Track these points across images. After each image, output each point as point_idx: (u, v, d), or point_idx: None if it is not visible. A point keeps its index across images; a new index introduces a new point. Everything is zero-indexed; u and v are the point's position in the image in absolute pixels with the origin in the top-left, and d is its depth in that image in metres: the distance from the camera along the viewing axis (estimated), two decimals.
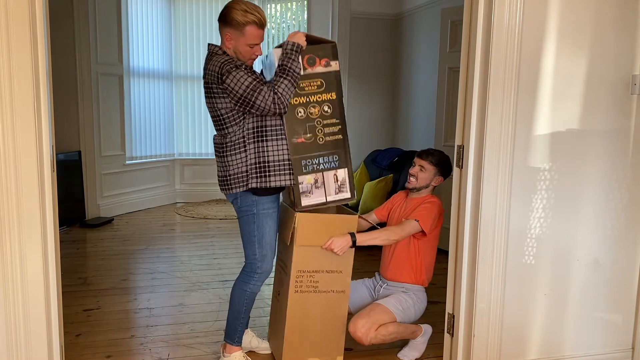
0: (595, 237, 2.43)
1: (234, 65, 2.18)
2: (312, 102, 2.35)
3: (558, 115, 2.29)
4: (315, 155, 2.37)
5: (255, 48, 2.28)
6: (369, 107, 6.10)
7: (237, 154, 2.27)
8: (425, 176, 2.63)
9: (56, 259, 2.05)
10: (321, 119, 2.37)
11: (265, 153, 2.27)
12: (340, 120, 2.42)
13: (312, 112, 2.35)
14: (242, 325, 2.47)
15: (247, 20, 2.21)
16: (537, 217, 2.34)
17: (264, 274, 2.40)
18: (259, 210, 2.32)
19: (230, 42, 2.26)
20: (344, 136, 2.45)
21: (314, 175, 2.37)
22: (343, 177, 2.42)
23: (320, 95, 2.36)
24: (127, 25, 5.71)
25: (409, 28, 5.72)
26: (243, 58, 2.28)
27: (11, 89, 1.86)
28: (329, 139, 2.40)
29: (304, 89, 2.33)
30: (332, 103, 2.39)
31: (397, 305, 2.57)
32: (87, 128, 5.34)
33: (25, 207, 1.93)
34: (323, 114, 2.38)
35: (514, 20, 2.16)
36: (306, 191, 2.36)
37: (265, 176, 2.27)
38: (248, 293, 2.41)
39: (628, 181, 2.42)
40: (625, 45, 2.32)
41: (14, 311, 1.97)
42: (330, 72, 2.37)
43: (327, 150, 2.39)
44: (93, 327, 2.97)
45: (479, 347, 2.37)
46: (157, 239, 4.85)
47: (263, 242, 2.36)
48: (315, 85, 2.35)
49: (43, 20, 1.90)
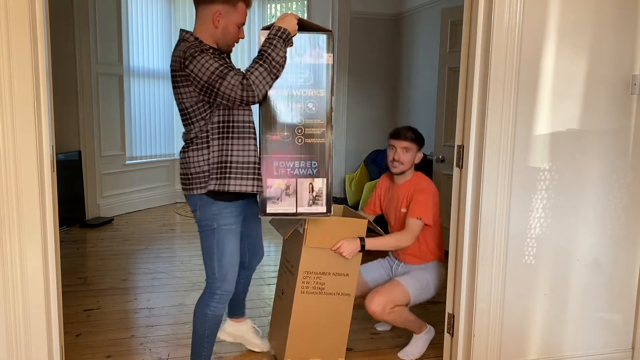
0: (595, 237, 2.43)
1: (200, 49, 1.95)
2: (294, 96, 2.10)
3: (558, 115, 2.29)
4: (290, 157, 2.11)
5: (241, 30, 2.11)
6: (369, 107, 6.11)
7: (199, 150, 2.05)
8: (410, 156, 2.59)
9: (56, 259, 2.05)
10: (303, 117, 2.12)
11: (229, 152, 2.03)
12: (325, 121, 2.13)
13: (293, 107, 2.10)
14: (208, 350, 2.24)
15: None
16: (537, 217, 2.34)
17: (224, 295, 2.17)
18: (219, 225, 2.09)
19: (219, 19, 2.03)
20: (327, 141, 2.14)
21: (285, 181, 2.11)
22: (320, 188, 2.14)
23: (306, 90, 2.10)
24: (127, 25, 5.71)
25: (409, 28, 5.72)
26: (228, 40, 2.09)
27: (11, 89, 1.86)
28: (309, 141, 2.12)
29: (287, 80, 2.08)
30: (318, 101, 2.12)
31: (416, 284, 2.57)
32: (87, 128, 5.34)
33: (25, 207, 1.93)
34: (306, 111, 2.11)
35: (514, 20, 2.16)
36: (274, 197, 2.11)
37: (225, 178, 2.03)
38: (210, 316, 2.17)
39: (628, 181, 2.42)
40: (625, 45, 2.32)
41: (14, 311, 1.97)
42: (321, 65, 2.11)
43: (305, 154, 2.11)
44: (93, 327, 2.97)
45: (479, 347, 2.37)
46: (157, 239, 4.85)
47: (223, 260, 2.12)
48: (301, 78, 2.10)
49: (43, 20, 1.90)
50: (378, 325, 2.99)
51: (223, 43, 2.10)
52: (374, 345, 2.81)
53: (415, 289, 2.56)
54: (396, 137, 2.61)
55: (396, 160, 2.59)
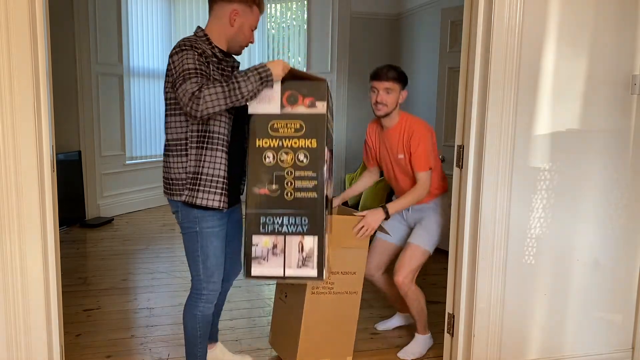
0: (595, 237, 2.43)
1: (190, 45, 1.92)
2: (285, 147, 1.96)
3: (558, 115, 2.29)
4: (279, 213, 1.95)
5: (252, 34, 2.12)
6: (369, 107, 6.08)
7: (179, 157, 2.02)
8: (394, 97, 2.49)
9: (56, 259, 2.05)
10: (293, 169, 1.96)
11: (202, 163, 1.98)
12: (317, 174, 1.96)
13: (283, 159, 1.96)
14: (202, 350, 2.23)
15: None
16: (537, 217, 2.34)
17: (211, 294, 2.14)
18: (202, 228, 2.04)
19: (236, 18, 2.03)
20: (320, 195, 1.97)
21: (273, 238, 1.95)
22: (311, 248, 1.95)
23: (298, 140, 1.96)
24: (127, 25, 5.71)
25: (409, 28, 5.72)
26: (241, 41, 2.09)
27: (11, 89, 1.86)
28: (299, 195, 1.96)
29: (278, 130, 1.95)
30: (310, 152, 1.96)
31: (429, 237, 2.61)
32: (87, 128, 5.34)
33: (25, 207, 1.93)
34: (297, 163, 1.97)
35: (514, 20, 2.16)
36: (260, 256, 1.95)
37: (195, 190, 1.98)
38: (200, 317, 2.15)
39: (628, 181, 2.42)
40: (625, 45, 2.32)
41: (14, 311, 1.97)
42: (315, 115, 1.96)
43: (294, 209, 1.95)
44: (93, 327, 2.97)
45: (479, 347, 2.36)
46: (157, 239, 4.85)
47: (208, 262, 2.08)
48: (292, 128, 1.97)
49: (43, 20, 1.90)
50: (378, 324, 3.00)
51: (235, 43, 2.09)
52: (374, 345, 2.81)
53: (430, 243, 2.61)
54: (377, 79, 2.49)
55: (379, 102, 2.49)
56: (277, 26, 6.41)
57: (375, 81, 2.50)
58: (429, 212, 2.65)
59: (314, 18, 6.08)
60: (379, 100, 2.48)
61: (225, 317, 3.03)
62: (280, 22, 6.38)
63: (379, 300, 3.42)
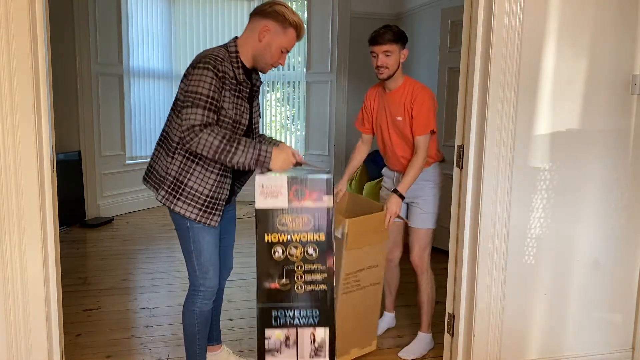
0: (595, 237, 2.43)
1: (214, 65, 1.94)
2: (294, 241, 2.00)
3: (558, 115, 2.29)
4: (291, 306, 1.99)
5: (283, 56, 2.09)
6: None
7: (165, 154, 2.06)
8: (394, 58, 2.47)
9: (56, 259, 2.05)
10: (303, 263, 2.00)
11: (188, 175, 2.02)
12: (326, 267, 2.02)
13: (292, 253, 2.00)
14: (202, 348, 2.23)
15: (295, 21, 2.03)
16: (537, 217, 2.34)
17: (208, 290, 2.16)
18: (192, 223, 2.07)
19: (266, 34, 2.03)
20: (329, 287, 2.03)
21: (285, 331, 1.99)
22: (322, 339, 2.00)
23: (306, 234, 2.00)
24: (127, 25, 5.70)
25: (409, 28, 5.72)
26: (267, 59, 2.07)
27: (11, 89, 1.86)
28: (310, 288, 2.01)
29: (286, 224, 1.99)
30: (319, 245, 2.01)
31: (428, 216, 2.63)
32: (87, 128, 5.33)
33: (25, 207, 1.93)
34: (306, 257, 2.01)
35: (514, 20, 2.16)
36: (274, 349, 1.98)
37: (174, 197, 2.03)
38: (197, 313, 2.17)
39: (628, 181, 2.42)
40: (625, 45, 2.32)
41: (14, 311, 1.97)
42: (322, 209, 2.00)
43: (305, 302, 2.00)
44: (93, 327, 2.97)
45: (479, 347, 2.36)
46: (157, 239, 4.85)
47: (202, 258, 2.11)
48: (300, 223, 2.00)
49: (43, 21, 1.90)
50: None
51: (261, 60, 2.08)
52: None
53: (431, 221, 2.65)
54: (374, 43, 2.47)
55: (380, 66, 2.48)
56: None
57: (373, 46, 2.48)
58: (425, 186, 2.63)
59: (314, 18, 6.08)
60: (380, 64, 2.47)
61: (225, 317, 3.03)
62: None
63: None
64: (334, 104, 6.05)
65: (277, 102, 6.62)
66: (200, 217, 2.05)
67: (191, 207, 2.03)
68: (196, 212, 2.03)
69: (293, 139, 6.52)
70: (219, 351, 2.49)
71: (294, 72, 6.37)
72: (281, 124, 6.65)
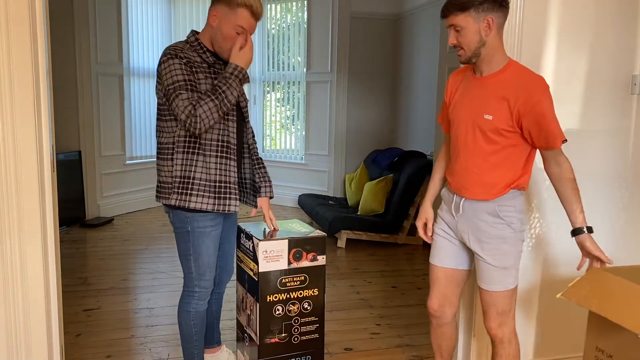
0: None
1: (175, 54, 1.96)
2: (292, 299, 2.21)
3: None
4: (287, 356, 2.23)
5: (241, 37, 2.00)
6: (369, 107, 6.11)
7: (165, 161, 2.07)
8: (470, 34, 1.72)
9: (56, 259, 2.05)
10: (299, 317, 2.24)
11: (193, 168, 2.02)
12: (319, 318, 2.28)
13: (290, 309, 2.21)
14: (199, 348, 2.23)
15: (243, 1, 1.97)
16: (538, 217, 2.34)
17: (203, 291, 2.16)
18: (193, 228, 2.07)
19: (214, 19, 2.01)
20: (321, 335, 2.30)
21: None
22: None
23: (302, 291, 2.23)
24: (127, 25, 5.70)
25: (409, 28, 5.72)
26: (223, 44, 2.02)
27: (11, 89, 1.86)
28: (304, 338, 2.26)
29: (286, 284, 2.19)
30: (313, 300, 2.25)
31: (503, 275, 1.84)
32: (87, 128, 5.34)
33: (25, 207, 1.93)
34: (302, 311, 2.24)
35: (514, 20, 2.16)
36: None
37: (187, 194, 2.02)
38: (193, 313, 2.17)
39: (628, 181, 2.42)
40: (626, 45, 2.32)
41: (14, 311, 1.97)
42: (317, 267, 2.23)
43: (300, 351, 2.25)
44: (93, 327, 2.97)
45: (479, 347, 2.36)
46: (157, 239, 4.85)
47: (200, 261, 2.11)
48: (298, 281, 2.22)
49: (43, 20, 1.90)
50: None
51: (217, 45, 2.05)
52: (374, 345, 2.81)
53: (510, 279, 1.84)
54: (442, 17, 1.77)
55: (454, 46, 1.79)
56: (277, 26, 6.40)
57: (443, 19, 1.78)
58: (496, 226, 1.83)
59: (314, 18, 6.08)
60: (452, 44, 1.78)
61: (225, 317, 3.04)
62: (280, 22, 6.38)
63: (378, 300, 3.42)
64: (334, 103, 6.05)
65: (277, 102, 6.62)
66: (217, 206, 2.04)
67: (205, 199, 2.02)
68: (212, 202, 2.03)
69: (293, 139, 6.52)
70: (220, 352, 2.49)
71: (294, 72, 6.37)
72: (281, 124, 6.65)
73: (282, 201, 6.43)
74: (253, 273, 2.21)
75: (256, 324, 2.19)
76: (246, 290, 2.30)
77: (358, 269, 4.08)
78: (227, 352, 2.52)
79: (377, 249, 4.63)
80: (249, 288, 2.26)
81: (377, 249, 4.61)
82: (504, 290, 1.85)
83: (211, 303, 2.36)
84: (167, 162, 2.05)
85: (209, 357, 2.45)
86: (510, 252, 1.84)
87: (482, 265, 1.86)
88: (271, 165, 6.52)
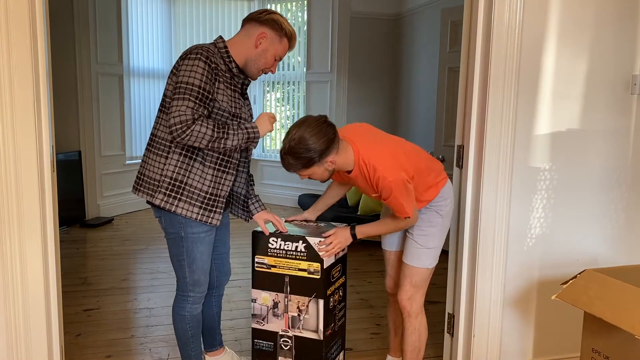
0: (595, 237, 2.43)
1: (206, 56, 1.91)
2: (337, 288, 2.32)
3: (558, 115, 2.29)
4: (333, 344, 2.33)
5: (275, 64, 2.10)
6: (369, 107, 6.11)
7: (157, 156, 2.01)
8: (316, 173, 2.05)
9: (56, 259, 2.05)
10: (338, 305, 2.35)
11: (187, 173, 1.98)
12: (345, 302, 2.42)
13: (334, 299, 2.31)
14: (196, 350, 2.22)
15: (290, 32, 2.06)
16: (537, 217, 2.34)
17: (197, 295, 2.14)
18: (187, 233, 2.03)
19: (262, 41, 2.03)
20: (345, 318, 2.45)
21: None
22: None
23: (340, 279, 2.34)
24: (127, 25, 5.71)
25: (409, 28, 5.72)
26: (260, 65, 2.06)
27: (11, 89, 1.86)
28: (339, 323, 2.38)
29: (334, 276, 2.27)
30: (343, 286, 2.38)
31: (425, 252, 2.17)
32: (87, 128, 5.34)
33: (25, 207, 1.93)
34: (339, 299, 2.37)
35: (514, 20, 2.16)
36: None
37: (175, 198, 1.98)
38: (189, 317, 2.15)
39: (628, 181, 2.42)
40: (625, 45, 2.32)
41: (14, 311, 1.97)
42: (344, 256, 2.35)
43: (338, 337, 2.37)
44: (93, 327, 2.97)
45: (479, 347, 2.37)
46: (157, 239, 4.85)
47: (194, 266, 2.08)
48: (338, 271, 2.31)
49: (43, 20, 1.90)
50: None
51: (254, 65, 2.07)
52: (374, 345, 2.81)
53: (428, 259, 2.19)
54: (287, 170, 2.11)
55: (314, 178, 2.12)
56: None
57: None
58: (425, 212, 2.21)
59: (314, 18, 6.08)
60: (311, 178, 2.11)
61: (225, 317, 3.04)
62: None
63: (378, 300, 3.42)
64: (333, 103, 6.05)
65: (277, 102, 6.63)
66: (201, 216, 2.01)
67: (192, 207, 1.99)
68: (197, 210, 2.00)
69: None
70: (223, 354, 2.48)
71: (294, 72, 6.37)
72: (281, 124, 6.65)
73: (282, 201, 6.43)
74: (308, 272, 2.19)
75: (318, 321, 2.21)
76: (287, 293, 2.26)
77: (358, 269, 4.09)
78: (230, 354, 2.51)
79: (377, 249, 4.63)
80: (296, 289, 2.23)
81: (377, 249, 4.60)
82: (421, 268, 2.21)
83: (211, 306, 2.35)
84: (159, 158, 2.00)
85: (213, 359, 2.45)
86: (434, 234, 2.20)
87: (409, 242, 2.23)
88: (271, 165, 6.52)
